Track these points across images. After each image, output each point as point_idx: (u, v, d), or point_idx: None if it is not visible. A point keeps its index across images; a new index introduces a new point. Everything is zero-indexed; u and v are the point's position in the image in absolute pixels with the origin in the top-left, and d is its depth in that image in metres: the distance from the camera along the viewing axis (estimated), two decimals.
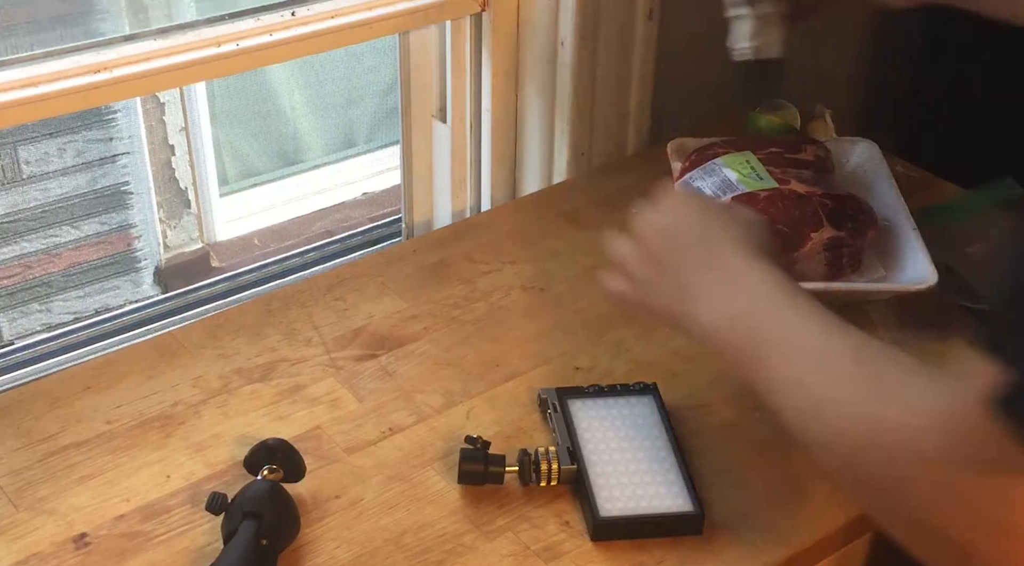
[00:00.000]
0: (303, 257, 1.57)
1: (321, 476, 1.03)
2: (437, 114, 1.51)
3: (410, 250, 1.34)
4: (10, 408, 1.10)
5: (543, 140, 1.47)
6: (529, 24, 1.42)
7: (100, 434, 1.07)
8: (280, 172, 3.37)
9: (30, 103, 1.14)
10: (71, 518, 0.99)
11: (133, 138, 3.00)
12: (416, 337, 1.20)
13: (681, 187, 1.20)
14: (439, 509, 1.00)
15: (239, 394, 1.12)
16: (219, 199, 3.25)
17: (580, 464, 1.00)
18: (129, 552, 0.96)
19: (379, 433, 1.07)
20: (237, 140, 3.26)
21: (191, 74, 1.26)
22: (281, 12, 1.29)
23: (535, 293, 1.27)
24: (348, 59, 3.29)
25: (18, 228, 2.92)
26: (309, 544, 0.96)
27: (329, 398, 1.11)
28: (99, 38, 1.20)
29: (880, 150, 1.38)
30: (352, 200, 3.33)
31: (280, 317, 1.22)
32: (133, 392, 1.12)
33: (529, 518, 0.99)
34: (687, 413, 1.10)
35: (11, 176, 2.86)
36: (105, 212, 3.05)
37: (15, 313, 3.00)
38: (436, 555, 0.96)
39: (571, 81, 1.41)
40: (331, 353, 1.17)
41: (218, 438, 1.07)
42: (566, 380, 1.13)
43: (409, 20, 1.38)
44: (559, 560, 0.96)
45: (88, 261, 3.07)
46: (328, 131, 3.41)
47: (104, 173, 3.00)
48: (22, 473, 1.03)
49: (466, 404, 1.11)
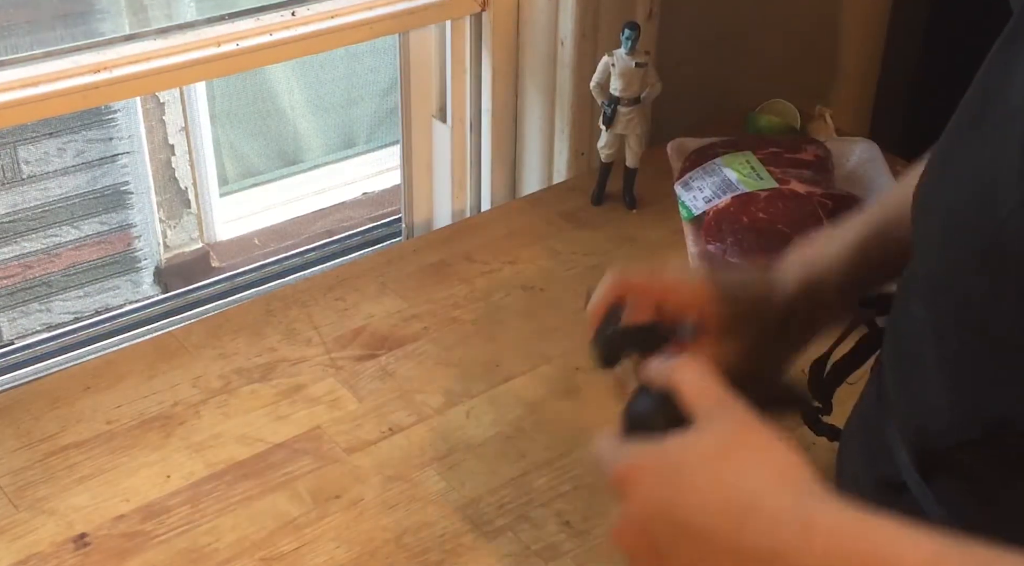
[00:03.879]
0: (303, 257, 1.57)
1: (321, 476, 1.02)
2: (437, 114, 1.51)
3: (410, 250, 1.34)
4: (10, 408, 1.10)
5: (543, 140, 1.47)
6: (529, 24, 1.41)
7: (100, 434, 1.07)
8: (280, 172, 3.36)
9: (30, 103, 1.14)
10: (71, 518, 0.99)
11: (133, 138, 3.00)
12: (416, 337, 1.19)
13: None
14: (439, 509, 1.00)
15: (239, 394, 1.12)
16: (219, 199, 3.25)
17: None
18: (129, 552, 0.95)
19: (379, 433, 1.07)
20: (237, 140, 3.26)
21: (191, 74, 1.26)
22: (281, 12, 1.29)
23: (535, 293, 1.27)
24: (348, 59, 3.29)
25: (18, 228, 2.92)
26: (309, 544, 0.96)
27: (329, 398, 1.11)
28: (99, 38, 1.20)
29: (880, 150, 1.38)
30: (352, 200, 3.33)
31: (280, 317, 1.22)
32: (133, 392, 1.12)
33: (529, 518, 0.99)
34: None
35: (11, 176, 2.86)
36: (105, 212, 3.05)
37: (15, 313, 3.00)
38: (436, 555, 0.96)
39: (571, 81, 1.41)
40: (331, 353, 1.17)
41: (218, 438, 1.07)
42: (566, 380, 1.13)
43: (409, 20, 1.38)
44: (559, 560, 0.95)
45: (88, 261, 3.07)
46: (328, 131, 3.41)
47: (104, 173, 3.00)
48: (22, 473, 1.03)
49: (466, 404, 1.11)
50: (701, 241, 1.25)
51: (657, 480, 0.56)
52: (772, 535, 0.51)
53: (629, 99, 1.34)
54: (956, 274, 0.57)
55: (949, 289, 0.58)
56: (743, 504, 0.52)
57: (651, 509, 0.57)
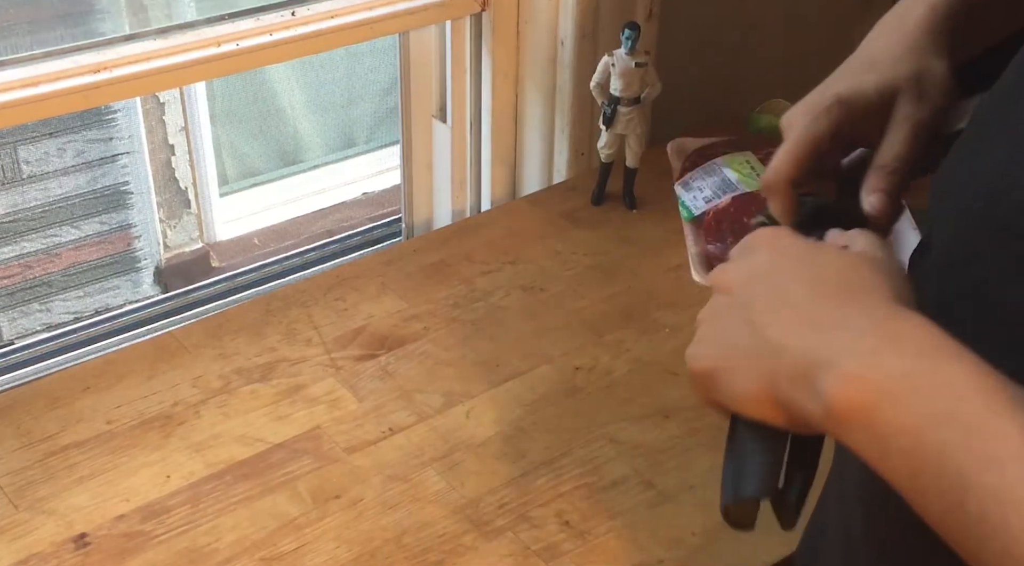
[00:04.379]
0: (303, 257, 1.57)
1: (321, 476, 1.02)
2: (437, 114, 1.51)
3: (410, 250, 1.34)
4: (10, 408, 1.10)
5: (543, 140, 1.47)
6: (529, 24, 1.42)
7: (100, 434, 1.07)
8: (280, 172, 3.37)
9: (30, 103, 1.14)
10: (71, 518, 0.99)
11: (133, 138, 3.01)
12: (416, 337, 1.19)
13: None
14: (439, 509, 1.00)
15: (239, 394, 1.12)
16: (219, 199, 3.26)
17: None
18: (129, 552, 0.95)
19: (379, 433, 1.07)
20: (237, 140, 3.26)
21: (191, 74, 1.26)
22: (281, 12, 1.29)
23: (535, 293, 1.27)
24: (348, 59, 3.29)
25: (18, 228, 2.93)
26: (309, 544, 0.96)
27: (329, 398, 1.11)
28: (99, 38, 1.20)
29: None
30: (352, 200, 3.33)
31: (280, 317, 1.22)
32: (133, 392, 1.12)
33: (529, 518, 0.99)
34: (687, 413, 1.09)
35: (11, 176, 2.86)
36: (105, 212, 3.05)
37: (15, 313, 3.00)
38: (436, 555, 0.96)
39: (571, 81, 1.41)
40: (331, 353, 1.17)
41: (218, 438, 1.07)
42: (566, 380, 1.13)
43: (409, 20, 1.38)
44: (559, 560, 0.95)
45: (88, 261, 3.07)
46: (328, 131, 3.41)
47: (104, 173, 3.00)
48: (22, 473, 1.03)
49: (466, 404, 1.11)
50: (701, 241, 1.25)
51: (772, 251, 0.60)
52: (855, 318, 0.52)
53: (629, 99, 1.34)
54: (976, 249, 0.56)
55: (967, 264, 0.57)
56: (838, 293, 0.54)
57: (761, 264, 0.59)
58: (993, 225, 0.54)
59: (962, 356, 0.49)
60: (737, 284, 0.59)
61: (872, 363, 0.50)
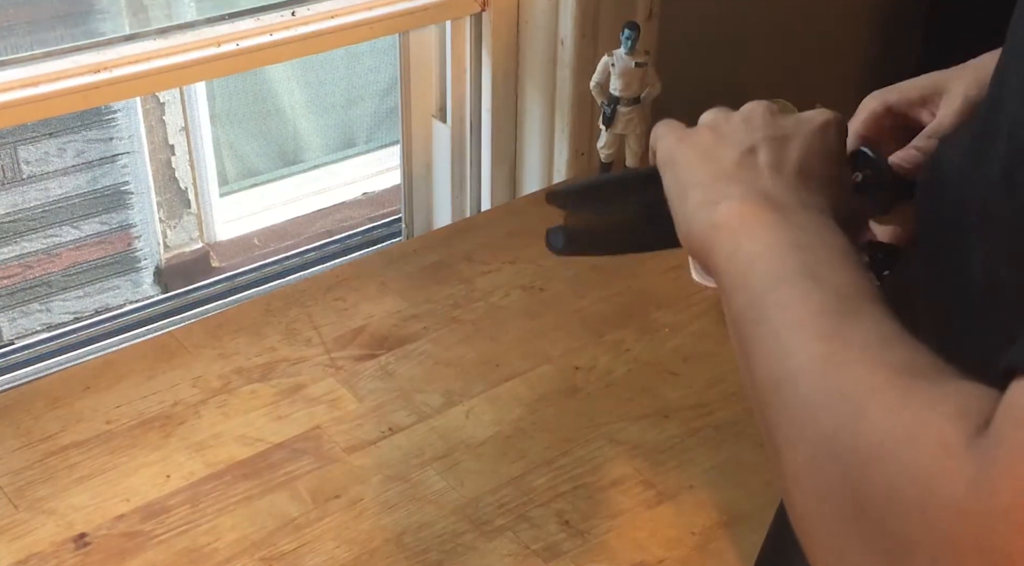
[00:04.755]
0: (303, 257, 1.57)
1: (321, 476, 1.02)
2: (437, 114, 1.51)
3: (410, 250, 1.34)
4: (10, 408, 1.10)
5: (543, 140, 1.47)
6: (529, 24, 1.42)
7: (100, 434, 1.07)
8: (280, 172, 3.36)
9: (30, 103, 1.14)
10: (71, 518, 0.99)
11: (133, 138, 3.00)
12: (416, 337, 1.20)
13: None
14: (439, 509, 1.00)
15: (239, 394, 1.12)
16: (219, 199, 3.25)
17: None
18: (129, 552, 0.96)
19: (379, 433, 1.07)
20: (237, 140, 3.26)
21: (191, 74, 1.26)
22: (281, 12, 1.29)
23: (535, 293, 1.27)
24: (348, 59, 3.29)
25: (18, 228, 2.92)
26: (309, 544, 0.96)
27: (329, 398, 1.11)
28: (99, 38, 1.20)
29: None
30: (352, 200, 3.33)
31: (280, 317, 1.22)
32: (133, 392, 1.12)
33: (529, 518, 0.99)
34: (687, 413, 1.09)
35: (11, 176, 2.86)
36: (105, 212, 3.05)
37: (15, 313, 3.00)
38: (436, 555, 0.96)
39: (571, 81, 1.41)
40: (331, 353, 1.17)
41: (218, 438, 1.07)
42: (566, 380, 1.13)
43: (409, 20, 1.38)
44: (559, 559, 0.96)
45: (88, 261, 3.07)
46: (328, 131, 3.41)
47: (104, 173, 3.00)
48: (22, 473, 1.03)
49: (466, 404, 1.11)
50: None
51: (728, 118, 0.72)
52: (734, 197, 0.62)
53: (629, 99, 1.34)
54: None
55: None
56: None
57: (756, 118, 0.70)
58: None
59: (848, 255, 0.55)
60: (721, 126, 0.72)
61: (763, 204, 0.60)
